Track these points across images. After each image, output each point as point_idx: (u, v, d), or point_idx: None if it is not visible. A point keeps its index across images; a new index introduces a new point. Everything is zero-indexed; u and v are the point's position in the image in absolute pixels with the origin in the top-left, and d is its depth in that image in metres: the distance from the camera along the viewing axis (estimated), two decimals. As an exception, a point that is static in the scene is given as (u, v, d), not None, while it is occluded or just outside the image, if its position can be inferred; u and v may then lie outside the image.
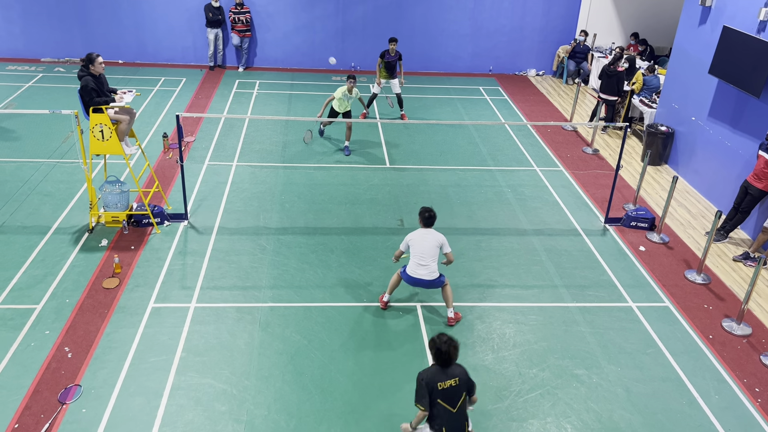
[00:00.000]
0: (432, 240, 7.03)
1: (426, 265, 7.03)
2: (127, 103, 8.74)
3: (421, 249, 7.01)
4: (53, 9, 16.22)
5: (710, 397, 6.57)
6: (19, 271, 7.98)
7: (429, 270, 7.04)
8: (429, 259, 7.02)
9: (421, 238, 7.04)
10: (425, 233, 7.08)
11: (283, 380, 6.47)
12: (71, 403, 6.06)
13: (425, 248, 7.01)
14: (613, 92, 13.27)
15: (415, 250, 7.05)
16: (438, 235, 7.09)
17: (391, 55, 13.16)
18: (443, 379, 4.93)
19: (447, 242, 7.13)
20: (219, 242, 8.85)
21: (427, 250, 7.01)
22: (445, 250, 7.12)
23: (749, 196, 9.18)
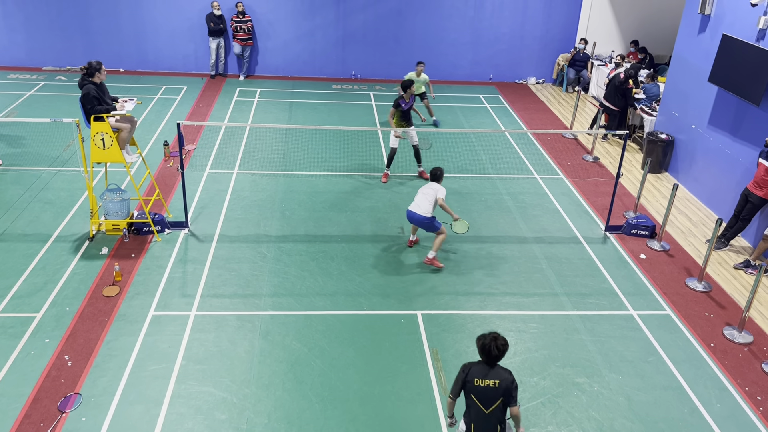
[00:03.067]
0: (431, 190, 8.44)
1: (417, 203, 8.45)
2: (128, 112, 8.77)
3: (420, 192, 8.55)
4: (55, 18, 16.30)
5: (712, 405, 6.55)
6: (20, 279, 7.98)
7: (418, 206, 8.41)
8: (422, 199, 8.42)
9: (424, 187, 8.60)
10: (429, 185, 8.55)
11: (283, 388, 6.45)
12: (71, 412, 6.04)
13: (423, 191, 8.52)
14: (616, 102, 13.23)
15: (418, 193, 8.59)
16: (435, 185, 8.47)
17: (407, 101, 10.69)
18: (483, 377, 4.88)
19: (443, 192, 8.41)
20: (219, 250, 8.85)
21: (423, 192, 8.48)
22: (439, 195, 8.35)
23: (750, 203, 9.18)
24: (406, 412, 6.24)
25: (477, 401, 4.91)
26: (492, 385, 4.85)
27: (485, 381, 4.85)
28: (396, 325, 7.50)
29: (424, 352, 7.06)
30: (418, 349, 7.11)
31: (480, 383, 4.86)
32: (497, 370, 4.90)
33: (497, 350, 4.82)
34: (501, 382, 4.86)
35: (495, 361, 4.89)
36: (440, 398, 6.42)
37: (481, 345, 4.87)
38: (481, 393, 4.88)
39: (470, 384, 4.90)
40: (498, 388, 4.86)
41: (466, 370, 4.93)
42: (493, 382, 4.85)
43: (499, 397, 4.88)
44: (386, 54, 17.32)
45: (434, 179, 8.59)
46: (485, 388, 4.86)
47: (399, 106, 10.65)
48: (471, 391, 4.91)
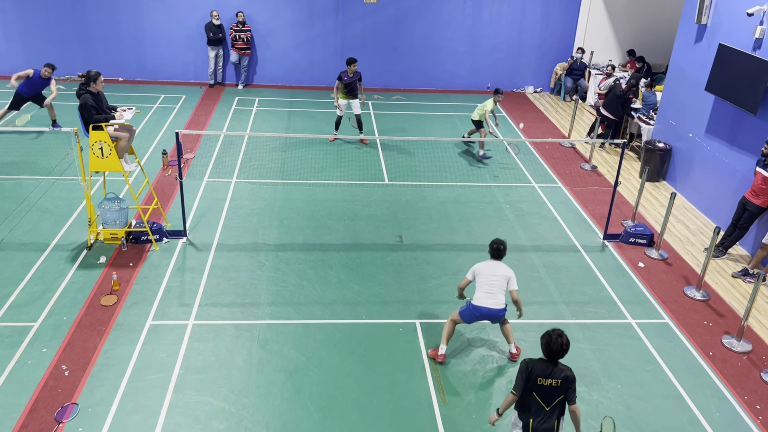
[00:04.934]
0: (503, 273, 6.79)
1: (493, 294, 6.74)
2: (126, 121, 8.78)
3: (491, 279, 6.74)
4: (54, 26, 16.34)
5: (711, 414, 6.53)
6: (17, 288, 7.96)
7: (497, 301, 6.75)
8: (497, 289, 6.75)
9: (492, 269, 6.80)
10: (498, 266, 6.83)
11: (281, 398, 6.43)
12: (68, 422, 6.01)
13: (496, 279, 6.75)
14: (616, 112, 13.22)
15: (484, 279, 6.76)
16: (508, 270, 6.84)
17: (350, 76, 12.75)
18: (546, 375, 4.92)
19: (515, 279, 6.83)
20: (218, 259, 8.84)
21: (497, 281, 6.75)
22: (511, 285, 6.80)
23: (747, 212, 9.20)
24: (405, 421, 6.22)
25: (538, 398, 4.97)
26: (555, 384, 4.93)
27: (548, 380, 4.92)
28: (394, 334, 7.48)
29: (423, 361, 7.04)
30: (417, 358, 7.10)
31: (543, 382, 4.92)
32: (560, 367, 4.97)
33: (561, 348, 4.89)
34: (563, 381, 4.94)
35: (558, 358, 4.95)
36: (439, 407, 6.40)
37: (546, 342, 4.93)
38: (543, 391, 4.94)
39: (533, 382, 4.94)
40: (560, 387, 4.94)
41: (529, 368, 4.98)
42: (556, 381, 4.93)
43: (561, 394, 4.97)
44: (384, 63, 17.37)
45: (497, 257, 6.90)
46: (548, 387, 4.92)
47: (341, 79, 12.79)
48: (533, 389, 4.96)
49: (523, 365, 5.03)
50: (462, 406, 6.45)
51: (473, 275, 6.86)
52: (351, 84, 12.85)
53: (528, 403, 5.03)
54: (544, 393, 4.95)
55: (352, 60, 12.66)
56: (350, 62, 12.64)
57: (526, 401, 5.04)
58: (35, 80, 12.46)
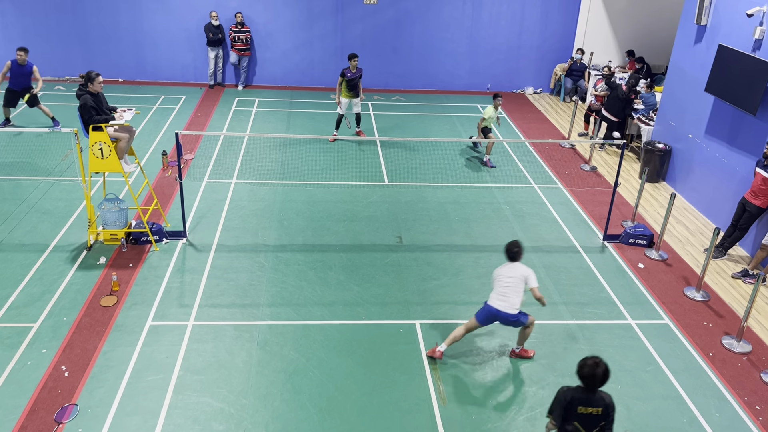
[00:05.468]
0: (519, 273, 6.69)
1: (507, 297, 6.66)
2: (126, 121, 8.77)
3: (506, 281, 6.69)
4: (53, 28, 16.35)
5: (711, 415, 6.53)
6: (17, 289, 7.96)
7: (509, 304, 6.65)
8: (512, 292, 6.66)
9: (508, 270, 6.75)
10: (515, 267, 6.76)
11: (281, 399, 6.43)
12: (68, 423, 6.01)
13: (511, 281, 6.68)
14: (618, 113, 13.15)
15: (499, 281, 6.74)
16: (525, 269, 6.74)
17: (353, 72, 12.85)
18: (585, 405, 4.83)
19: (534, 277, 6.74)
20: (217, 260, 8.83)
21: (513, 282, 6.67)
22: (529, 284, 6.69)
23: (747, 213, 9.20)
24: (405, 422, 6.21)
25: (579, 426, 4.89)
26: (595, 413, 4.83)
27: (589, 409, 4.83)
28: (394, 334, 7.48)
29: (423, 362, 7.04)
30: (417, 359, 7.09)
31: (583, 411, 4.84)
32: (599, 395, 4.87)
33: (600, 377, 4.78)
34: (603, 409, 4.84)
35: (595, 387, 4.84)
36: (438, 408, 6.40)
37: (584, 372, 4.81)
38: (584, 419, 4.86)
39: (573, 411, 4.86)
40: (601, 415, 4.84)
41: (568, 397, 4.87)
42: (596, 410, 4.83)
43: (602, 421, 4.87)
44: (384, 64, 17.37)
45: (512, 259, 6.83)
46: (588, 415, 4.84)
47: (344, 76, 12.78)
48: (574, 418, 4.87)
49: (561, 395, 4.90)
50: (462, 407, 6.44)
51: (493, 280, 6.85)
52: (353, 80, 12.94)
53: (566, 430, 4.95)
54: (586, 421, 4.86)
55: (354, 55, 12.78)
56: (351, 57, 12.77)
57: (567, 429, 4.94)
58: (16, 70, 12.46)
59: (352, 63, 12.80)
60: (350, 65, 12.84)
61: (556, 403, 4.94)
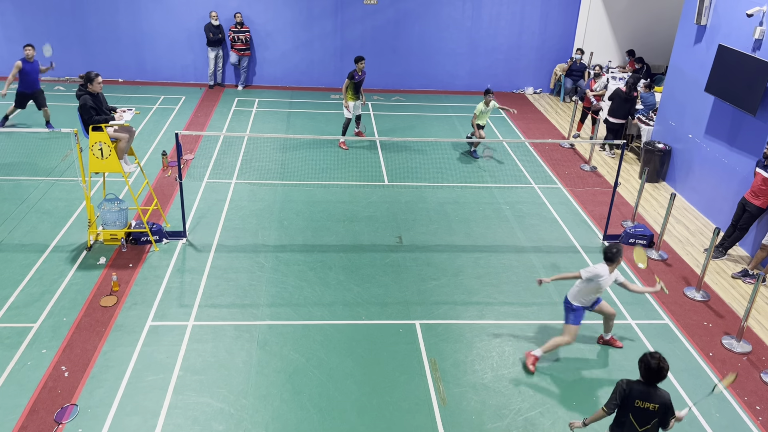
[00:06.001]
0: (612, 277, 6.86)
1: None
2: (126, 122, 8.78)
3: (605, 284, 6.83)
4: (53, 28, 16.35)
5: (711, 415, 6.53)
6: (17, 289, 7.95)
7: None
8: None
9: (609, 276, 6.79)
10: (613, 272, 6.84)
11: (281, 399, 6.43)
12: (68, 423, 6.01)
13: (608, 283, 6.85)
14: (624, 116, 13.00)
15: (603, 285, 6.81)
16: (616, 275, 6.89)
17: (360, 75, 12.72)
18: (643, 399, 4.88)
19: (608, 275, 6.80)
20: (217, 260, 8.83)
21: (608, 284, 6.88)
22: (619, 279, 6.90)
23: (747, 213, 9.20)
24: (405, 422, 6.21)
25: (633, 420, 4.92)
26: (652, 408, 4.87)
27: (646, 403, 4.87)
28: (394, 335, 7.48)
29: (423, 362, 7.04)
30: (417, 359, 7.09)
31: (641, 404, 4.88)
32: (658, 392, 4.90)
33: (661, 371, 4.83)
34: (659, 407, 4.87)
35: (657, 382, 4.89)
36: (438, 408, 6.40)
37: (645, 366, 4.87)
38: (639, 413, 4.89)
39: (630, 404, 4.90)
40: (656, 411, 4.88)
41: (628, 388, 4.93)
42: (653, 405, 4.87)
43: (656, 418, 4.90)
44: (384, 64, 17.37)
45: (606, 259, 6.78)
46: (645, 410, 4.88)
47: (353, 78, 12.64)
48: (630, 410, 4.92)
49: (621, 386, 4.97)
50: (462, 407, 6.44)
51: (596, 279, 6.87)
52: (360, 83, 12.84)
53: (622, 423, 5.00)
54: (640, 415, 4.90)
55: (361, 58, 12.67)
56: (359, 60, 12.65)
57: (621, 421, 5.01)
58: (28, 69, 12.39)
59: (360, 66, 12.64)
60: (357, 68, 12.67)
61: (614, 394, 4.99)
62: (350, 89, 12.77)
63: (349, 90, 12.77)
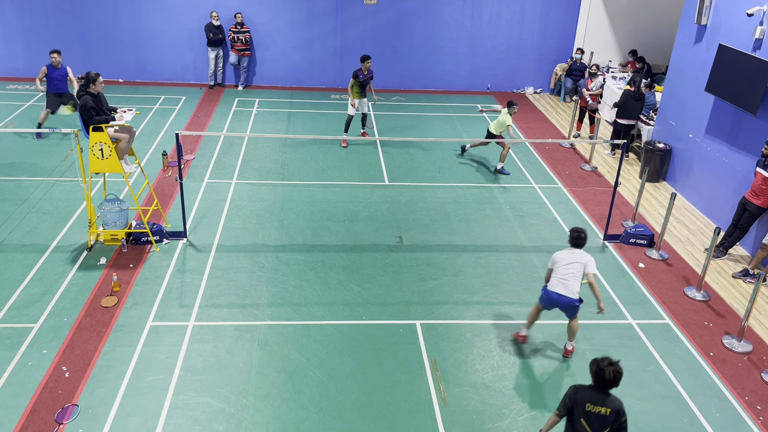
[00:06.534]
0: (581, 260, 6.83)
1: (567, 282, 6.81)
2: (126, 122, 8.78)
3: (567, 265, 6.84)
4: (53, 28, 16.35)
5: (711, 415, 6.53)
6: (17, 289, 7.96)
7: (569, 289, 6.81)
8: (572, 277, 6.81)
9: (569, 255, 6.88)
10: (576, 253, 6.89)
11: (281, 399, 6.43)
12: (68, 423, 6.01)
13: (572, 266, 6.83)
14: (635, 116, 12.90)
15: (561, 265, 6.87)
16: (587, 257, 6.86)
17: (365, 74, 12.86)
18: (594, 403, 4.81)
19: (593, 264, 6.84)
20: (218, 260, 8.84)
21: (573, 268, 6.82)
22: (588, 269, 6.81)
23: (747, 212, 9.20)
24: (405, 422, 6.21)
25: (586, 425, 4.86)
26: (604, 413, 4.80)
27: (598, 408, 4.81)
28: (395, 334, 7.48)
29: (423, 362, 7.04)
30: (417, 358, 7.09)
31: (592, 409, 4.82)
32: (611, 398, 4.84)
33: (614, 378, 4.76)
34: (612, 412, 4.80)
35: (608, 389, 4.82)
36: (439, 408, 6.40)
37: (595, 370, 4.81)
38: (592, 418, 4.82)
39: (580, 408, 4.85)
40: (608, 416, 4.80)
41: (577, 394, 4.88)
42: (605, 410, 4.80)
43: (609, 425, 4.82)
44: (384, 64, 17.36)
45: (577, 245, 6.94)
46: (597, 415, 4.81)
47: (357, 77, 12.78)
48: (581, 414, 4.86)
49: (571, 390, 4.92)
50: (462, 407, 6.44)
51: (552, 263, 6.96)
52: (365, 82, 12.96)
53: (574, 429, 4.94)
54: (593, 420, 4.83)
55: (367, 57, 12.79)
56: (365, 59, 12.75)
57: (573, 427, 4.94)
58: (53, 75, 12.34)
59: (365, 65, 12.77)
60: (363, 67, 12.80)
61: (565, 397, 4.95)
62: (355, 87, 12.91)
63: (354, 88, 12.92)
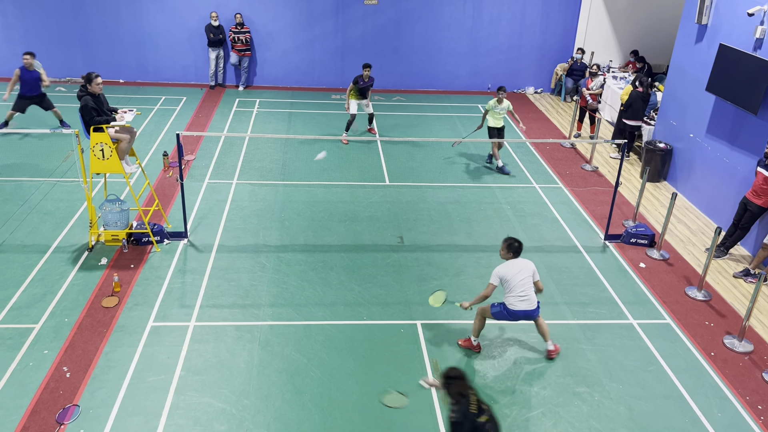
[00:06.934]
0: (528, 269, 6.85)
1: (527, 297, 6.80)
2: (127, 122, 8.78)
3: (520, 281, 6.77)
4: (54, 29, 16.36)
5: (713, 415, 6.52)
6: (19, 290, 7.96)
7: (531, 301, 6.84)
8: (529, 289, 6.82)
9: (518, 270, 6.81)
10: (521, 264, 6.87)
11: (282, 399, 6.43)
12: (69, 424, 6.02)
13: (525, 279, 6.79)
14: (640, 117, 12.80)
15: (515, 283, 6.78)
16: (530, 263, 6.92)
17: (365, 81, 13.09)
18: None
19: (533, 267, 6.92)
20: (218, 260, 8.84)
21: (526, 281, 6.80)
22: (535, 278, 6.91)
23: (748, 212, 9.19)
24: (406, 422, 6.21)
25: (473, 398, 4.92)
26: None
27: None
28: (396, 335, 7.48)
29: (424, 362, 7.03)
30: (418, 359, 7.09)
31: None
32: None
33: None
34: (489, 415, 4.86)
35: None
36: (440, 408, 6.39)
37: None
38: None
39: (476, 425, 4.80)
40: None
41: (464, 418, 4.79)
42: None
43: None
44: (385, 64, 17.37)
45: (518, 253, 6.93)
46: None
47: (357, 83, 13.05)
48: None
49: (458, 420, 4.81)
50: (463, 407, 6.43)
51: (498, 280, 6.84)
52: (365, 89, 13.25)
53: None
54: None
55: (368, 65, 13.06)
56: (366, 67, 13.03)
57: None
58: (26, 77, 12.41)
59: (366, 72, 13.00)
60: (363, 74, 13.01)
61: None
62: (354, 92, 13.20)
63: (352, 92, 13.21)
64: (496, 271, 6.86)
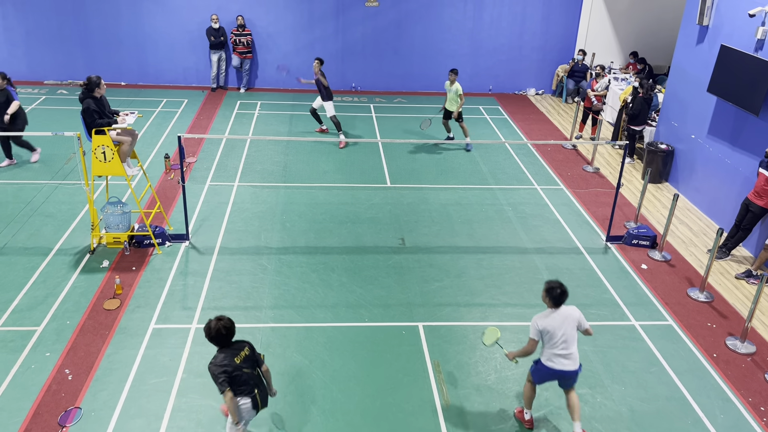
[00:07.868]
0: (573, 319, 5.72)
1: (570, 353, 5.72)
2: (129, 125, 8.79)
3: (563, 334, 5.67)
4: (56, 31, 16.39)
5: (715, 416, 6.51)
6: (21, 292, 7.97)
7: (573, 359, 5.75)
8: (573, 344, 5.72)
9: (560, 320, 5.68)
10: (564, 312, 5.72)
11: (284, 401, 6.43)
12: (71, 426, 6.02)
13: (568, 332, 5.69)
14: (645, 121, 12.83)
15: (557, 337, 5.68)
16: (575, 311, 5.78)
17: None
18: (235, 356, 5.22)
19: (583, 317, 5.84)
20: (220, 262, 8.84)
21: (569, 333, 5.69)
22: (583, 326, 5.79)
23: (750, 213, 9.18)
24: (408, 424, 6.21)
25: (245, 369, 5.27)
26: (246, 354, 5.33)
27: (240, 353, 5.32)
28: (397, 336, 7.47)
29: (426, 364, 7.03)
30: (420, 360, 7.09)
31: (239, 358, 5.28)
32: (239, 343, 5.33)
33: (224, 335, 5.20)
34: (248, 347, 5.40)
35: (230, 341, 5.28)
36: (442, 410, 6.39)
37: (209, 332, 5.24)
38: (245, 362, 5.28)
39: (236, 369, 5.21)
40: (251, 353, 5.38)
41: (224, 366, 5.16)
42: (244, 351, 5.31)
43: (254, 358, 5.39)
44: (386, 66, 17.39)
45: (562, 302, 5.70)
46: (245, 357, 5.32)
47: None
48: (236, 369, 5.22)
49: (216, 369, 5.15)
50: (465, 409, 6.44)
51: (539, 334, 5.73)
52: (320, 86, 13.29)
53: None
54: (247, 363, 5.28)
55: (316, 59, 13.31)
56: None
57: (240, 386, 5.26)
58: None
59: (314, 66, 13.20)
60: None
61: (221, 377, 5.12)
62: None
63: None
64: (535, 324, 5.73)
